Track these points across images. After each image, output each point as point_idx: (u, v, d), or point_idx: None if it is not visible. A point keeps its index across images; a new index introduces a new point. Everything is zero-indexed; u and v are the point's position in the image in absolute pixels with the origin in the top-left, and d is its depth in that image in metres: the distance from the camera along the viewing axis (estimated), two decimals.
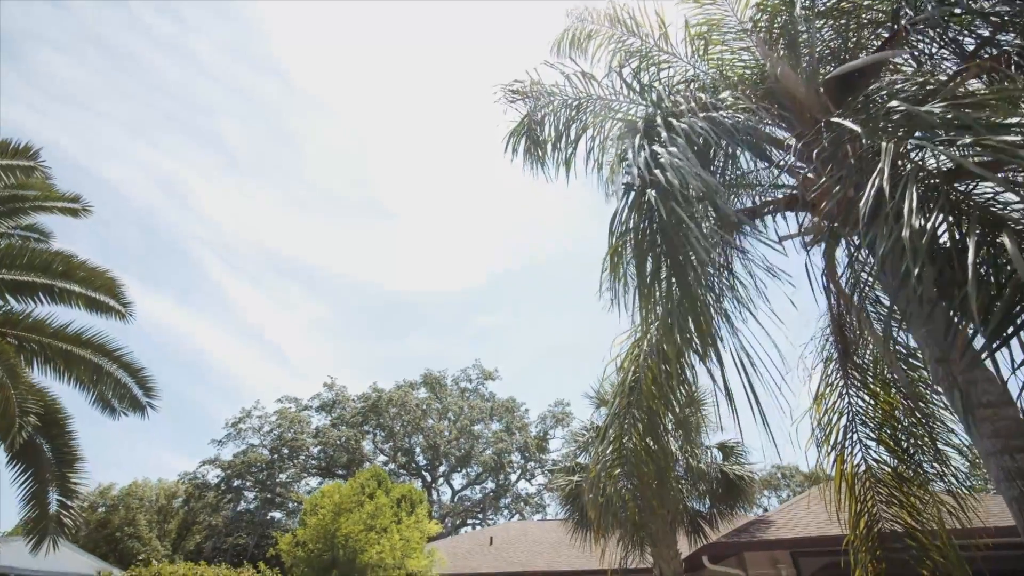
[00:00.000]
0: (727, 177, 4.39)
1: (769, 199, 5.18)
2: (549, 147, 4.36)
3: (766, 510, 12.03)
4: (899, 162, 2.43)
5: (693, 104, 3.27)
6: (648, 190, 2.57)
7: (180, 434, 61.40)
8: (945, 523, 4.55)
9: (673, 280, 2.85)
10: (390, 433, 33.54)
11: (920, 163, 2.49)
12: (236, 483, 31.07)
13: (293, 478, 32.56)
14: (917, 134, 2.56)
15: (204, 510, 33.26)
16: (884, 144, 2.37)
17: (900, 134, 2.56)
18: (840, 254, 5.18)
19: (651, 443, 4.74)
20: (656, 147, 2.65)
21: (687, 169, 2.45)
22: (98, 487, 41.92)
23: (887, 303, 5.14)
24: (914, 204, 2.24)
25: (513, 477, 35.55)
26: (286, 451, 31.65)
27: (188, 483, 33.58)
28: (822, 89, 3.92)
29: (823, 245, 5.08)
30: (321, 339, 57.87)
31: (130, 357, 6.97)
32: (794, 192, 4.89)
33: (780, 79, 4.07)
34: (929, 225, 2.30)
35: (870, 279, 5.27)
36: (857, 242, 4.84)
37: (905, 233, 2.22)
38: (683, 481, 11.31)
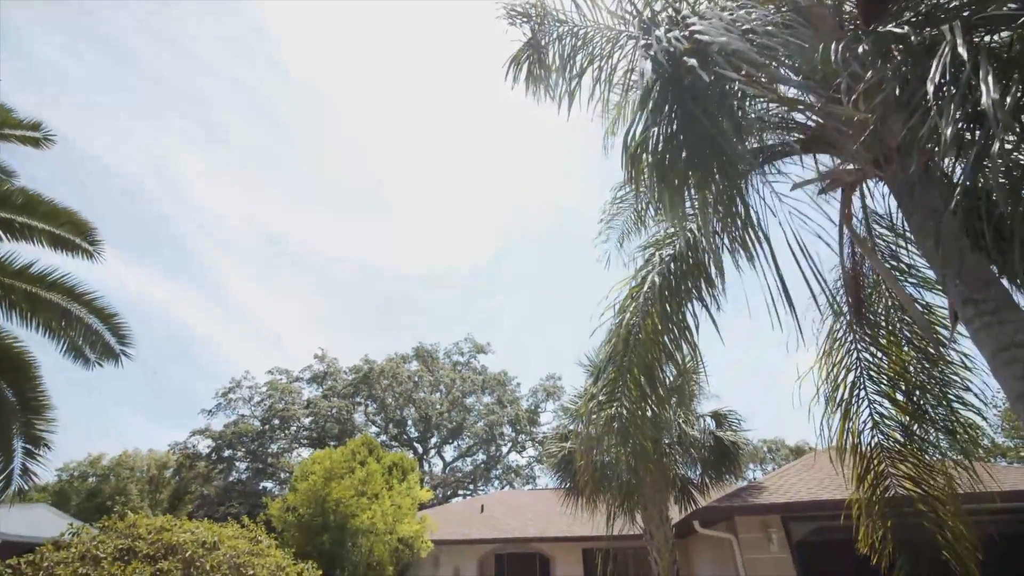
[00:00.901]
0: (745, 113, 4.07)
1: (782, 142, 4.88)
2: (553, 74, 4.01)
3: (755, 480, 12.20)
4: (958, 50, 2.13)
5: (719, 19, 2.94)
6: (686, 59, 2.26)
7: (169, 407, 61.29)
8: (954, 480, 4.44)
9: (714, 168, 2.57)
10: (382, 405, 33.55)
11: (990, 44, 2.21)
12: (227, 453, 31.06)
13: (284, 449, 32.60)
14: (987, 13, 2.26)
15: (196, 480, 33.32)
16: (947, 27, 2.08)
17: (966, 13, 2.27)
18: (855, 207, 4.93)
19: (647, 389, 4.53)
20: (689, 20, 2.34)
21: (729, 36, 2.16)
22: (87, 457, 41.84)
23: (905, 258, 4.92)
24: (990, 76, 1.94)
25: (504, 449, 35.91)
26: (277, 422, 31.59)
27: (179, 453, 33.53)
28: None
29: (840, 191, 4.82)
30: (313, 318, 57.49)
31: (102, 302, 6.53)
32: (812, 131, 4.60)
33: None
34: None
35: (884, 225, 5.03)
36: (880, 181, 4.59)
37: (987, 101, 1.92)
38: (676, 447, 11.29)
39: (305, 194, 53.04)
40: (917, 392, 4.72)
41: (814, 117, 4.57)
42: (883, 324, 4.89)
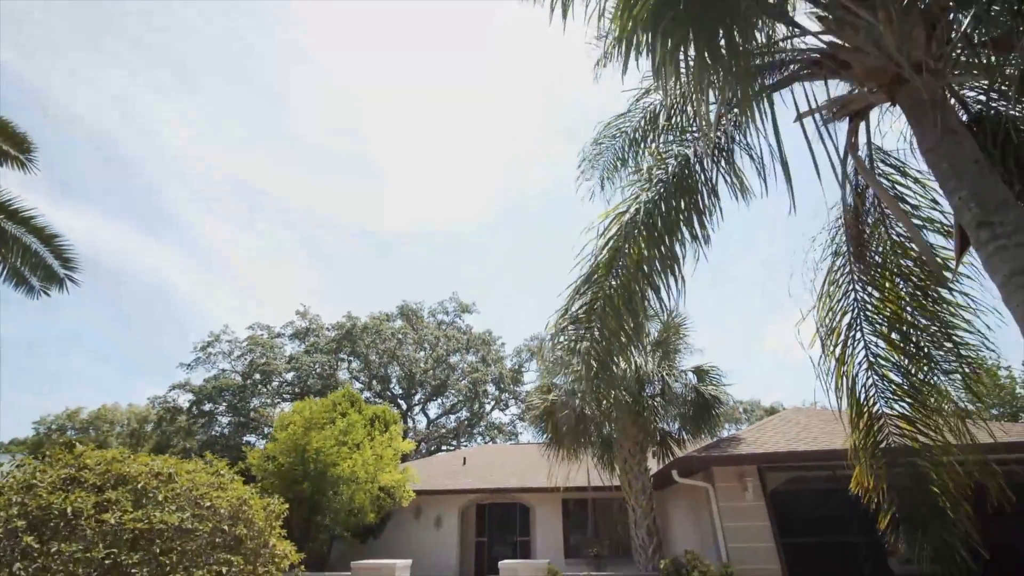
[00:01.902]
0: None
1: (787, 67, 4.52)
2: None
3: (733, 433, 12.48)
4: None
5: None
6: None
7: (147, 361, 60.56)
8: (949, 423, 4.38)
9: (720, 35, 2.25)
10: (365, 361, 33.46)
11: None
12: (208, 407, 30.87)
13: (267, 404, 32.54)
14: None
15: (177, 434, 33.22)
16: None
17: None
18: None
19: (625, 315, 4.32)
20: None
21: None
22: (65, 410, 41.42)
23: (910, 199, 4.69)
24: None
25: (488, 407, 36.39)
26: (258, 376, 31.36)
27: (159, 407, 33.26)
28: None
29: (848, 120, 4.51)
30: (294, 275, 56.46)
31: (42, 221, 5.99)
32: (822, 54, 4.24)
33: None
34: None
35: (888, 163, 4.77)
36: (889, 110, 4.29)
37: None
38: (658, 400, 11.35)
39: (288, 151, 51.02)
40: (914, 332, 4.59)
41: (827, 38, 4.22)
42: (882, 263, 4.71)
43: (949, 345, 4.25)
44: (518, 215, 56.36)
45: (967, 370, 4.22)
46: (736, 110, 4.78)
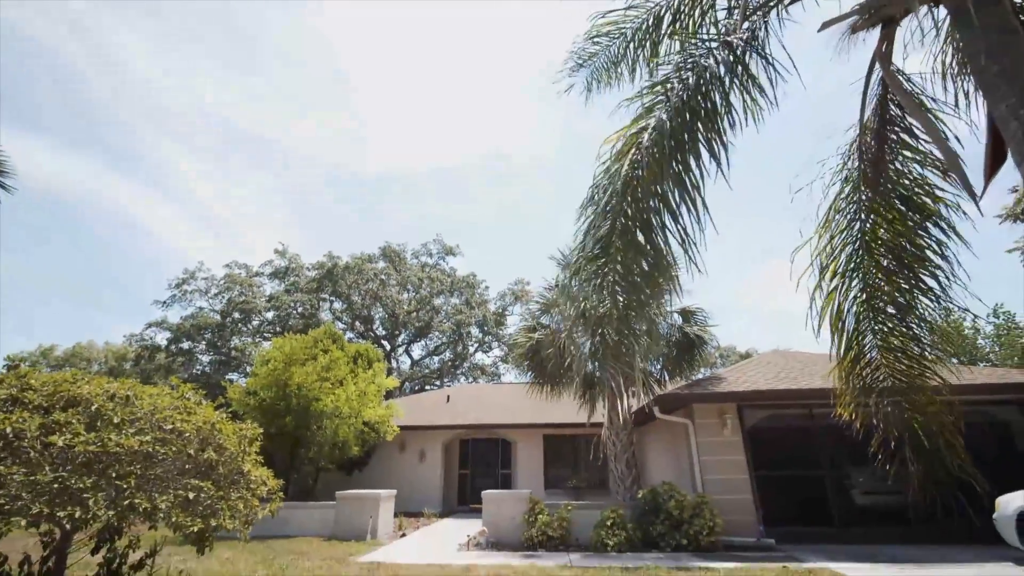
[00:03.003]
0: None
1: None
2: None
3: (714, 372, 12.80)
4: None
5: None
6: None
7: (119, 301, 59.17)
8: (940, 362, 4.32)
9: None
10: (348, 302, 33.07)
11: None
12: (186, 345, 30.47)
13: (248, 344, 32.27)
14: None
15: (157, 372, 32.96)
16: None
17: None
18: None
19: (644, 245, 4.01)
20: None
21: None
22: (38, 347, 40.62)
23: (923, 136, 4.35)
24: None
25: (471, 349, 36.75)
26: (237, 315, 30.85)
27: (137, 345, 32.73)
28: None
29: (879, 28, 4.07)
30: (272, 213, 54.51)
31: None
32: None
33: None
34: None
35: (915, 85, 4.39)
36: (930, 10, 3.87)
37: None
38: (643, 339, 11.33)
39: (264, 85, 47.61)
40: (915, 265, 4.41)
41: None
42: (892, 189, 4.44)
43: (943, 282, 4.11)
44: (503, 159, 54.63)
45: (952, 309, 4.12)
46: (757, 14, 4.29)
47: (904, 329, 4.50)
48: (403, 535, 10.49)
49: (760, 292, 58.21)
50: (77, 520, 2.54)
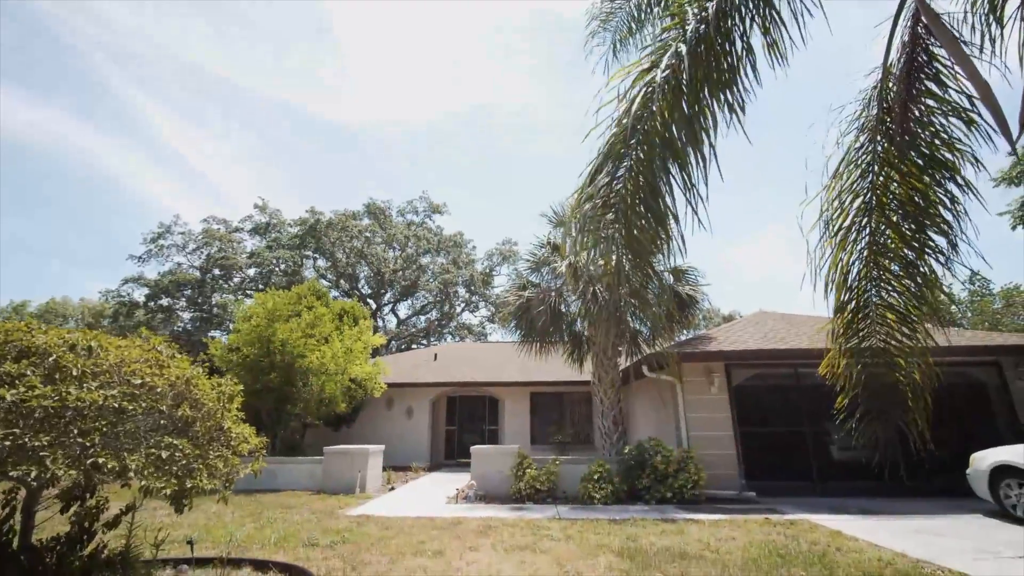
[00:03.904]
0: None
1: None
2: None
3: (703, 332, 12.85)
4: None
5: None
6: None
7: (92, 256, 57.33)
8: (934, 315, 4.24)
9: None
10: (332, 259, 32.40)
11: None
12: (165, 301, 29.75)
13: (230, 301, 31.67)
14: None
15: (136, 329, 32.23)
16: None
17: None
18: None
19: (652, 192, 3.73)
20: None
21: None
22: (10, 303, 39.38)
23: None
24: None
25: (458, 308, 36.65)
26: (218, 271, 30.07)
27: (114, 302, 31.86)
28: None
29: None
30: (250, 166, 52.42)
31: None
32: None
33: None
34: None
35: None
36: None
37: None
38: (634, 299, 11.26)
39: (242, 31, 44.48)
40: (927, 222, 4.24)
41: None
42: (910, 140, 4.20)
43: (952, 241, 3.97)
44: (491, 114, 52.83)
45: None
46: None
47: (907, 286, 4.37)
48: (392, 489, 10.59)
49: (745, 257, 58.73)
50: (34, 480, 2.31)
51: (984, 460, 7.31)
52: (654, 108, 3.61)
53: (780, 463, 9.72)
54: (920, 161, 4.29)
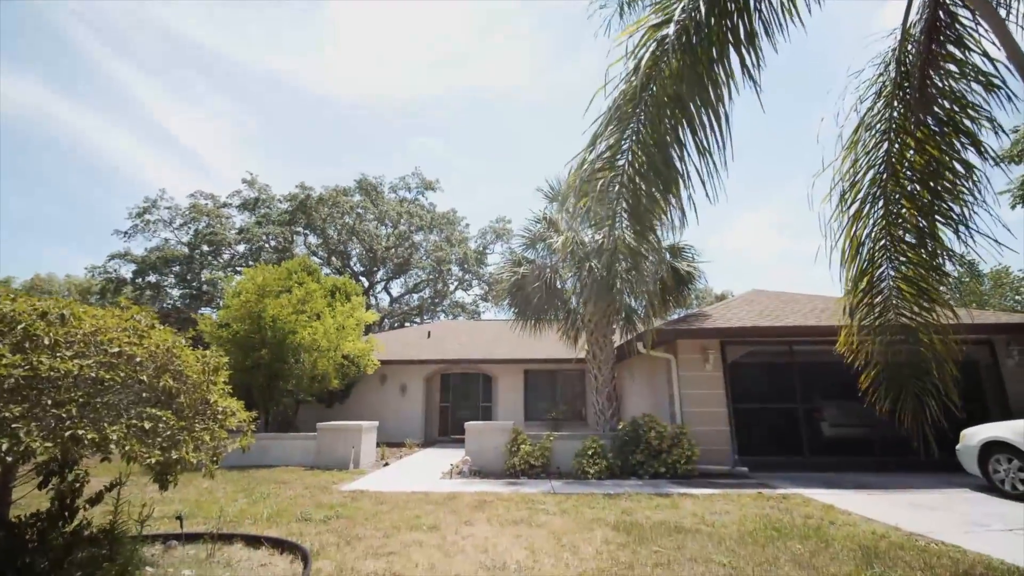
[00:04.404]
0: None
1: None
2: None
3: (698, 309, 12.81)
4: None
5: None
6: None
7: (76, 232, 56.14)
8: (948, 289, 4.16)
9: None
10: (323, 236, 31.90)
11: None
12: (152, 278, 29.23)
13: (220, 278, 31.22)
14: None
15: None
16: None
17: None
18: None
19: (658, 158, 3.56)
20: None
21: None
22: None
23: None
24: None
25: (451, 287, 36.45)
26: (207, 248, 29.52)
27: (101, 278, 31.26)
28: None
29: None
30: (236, 140, 51.11)
31: None
32: None
33: None
34: None
35: None
36: None
37: None
38: (632, 274, 11.14)
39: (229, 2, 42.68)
40: (943, 191, 4.12)
41: None
42: (929, 107, 4.04)
43: (966, 211, 3.87)
44: (486, 89, 51.71)
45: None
46: None
47: (922, 258, 4.27)
48: (386, 464, 10.58)
49: (739, 236, 58.76)
50: (7, 453, 2.16)
51: (975, 436, 7.38)
52: (663, 67, 3.41)
53: (772, 439, 9.81)
54: (937, 127, 4.15)
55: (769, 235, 57.67)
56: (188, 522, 5.13)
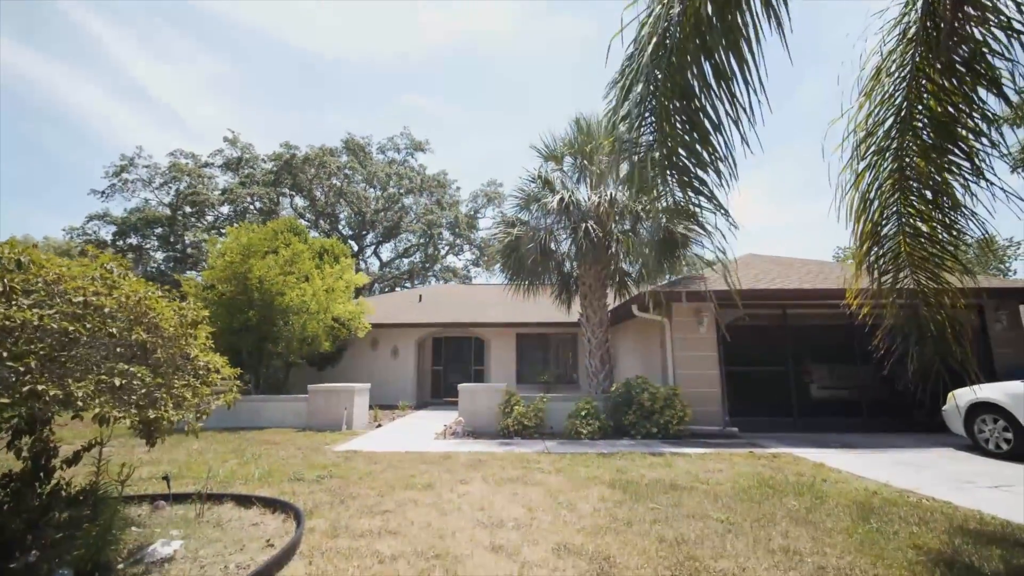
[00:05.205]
0: None
1: None
2: None
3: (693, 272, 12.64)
4: None
5: None
6: None
7: (50, 193, 54.16)
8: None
9: None
10: (310, 198, 31.08)
11: None
12: (134, 240, 28.45)
13: (204, 241, 30.47)
14: None
15: None
16: None
17: None
18: None
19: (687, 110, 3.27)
20: None
21: None
22: None
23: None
24: None
25: (442, 251, 36.03)
26: (189, 209, 28.66)
27: (80, 241, 30.35)
28: None
29: None
30: (218, 100, 48.88)
31: None
32: None
33: None
34: None
35: None
36: None
37: None
38: (630, 235, 10.97)
39: None
40: (960, 142, 3.92)
41: None
42: (954, 50, 3.79)
43: (979, 164, 3.70)
44: (479, 45, 49.63)
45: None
46: None
47: (935, 215, 4.12)
48: (379, 426, 10.58)
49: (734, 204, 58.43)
50: None
51: (963, 397, 7.48)
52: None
53: (763, 401, 9.93)
54: (961, 68, 3.91)
55: (756, 207, 57.48)
56: (177, 483, 5.03)
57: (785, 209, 56.54)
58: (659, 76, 3.30)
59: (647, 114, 3.43)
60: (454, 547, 3.37)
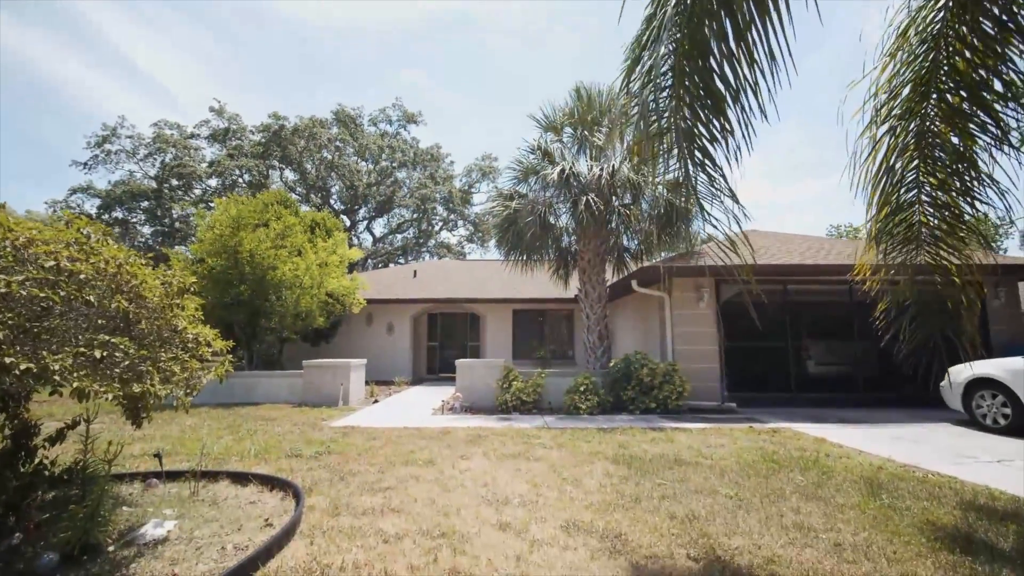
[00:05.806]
0: None
1: None
2: None
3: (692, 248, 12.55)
4: None
5: None
6: None
7: (27, 164, 52.51)
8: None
9: None
10: (301, 171, 30.34)
11: None
12: (119, 214, 27.73)
13: (193, 214, 29.78)
14: None
15: None
16: None
17: None
18: None
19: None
20: None
21: None
22: None
23: None
24: None
25: (436, 227, 35.57)
26: (176, 182, 27.90)
27: (64, 213, 29.54)
28: None
29: None
30: (201, 67, 47.12)
31: None
32: None
33: None
34: None
35: None
36: None
37: None
38: (631, 208, 10.76)
39: None
40: (988, 106, 3.72)
41: None
42: (990, 8, 3.56)
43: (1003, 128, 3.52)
44: (473, 16, 48.00)
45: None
46: None
47: (954, 181, 3.95)
48: (375, 401, 10.50)
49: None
50: None
51: (961, 373, 7.47)
52: None
53: (761, 376, 9.93)
54: (992, 30, 3.68)
55: (753, 184, 57.16)
56: (170, 460, 4.90)
57: (779, 190, 56.29)
58: (678, 36, 3.05)
59: (668, 73, 3.20)
60: (460, 525, 3.27)
